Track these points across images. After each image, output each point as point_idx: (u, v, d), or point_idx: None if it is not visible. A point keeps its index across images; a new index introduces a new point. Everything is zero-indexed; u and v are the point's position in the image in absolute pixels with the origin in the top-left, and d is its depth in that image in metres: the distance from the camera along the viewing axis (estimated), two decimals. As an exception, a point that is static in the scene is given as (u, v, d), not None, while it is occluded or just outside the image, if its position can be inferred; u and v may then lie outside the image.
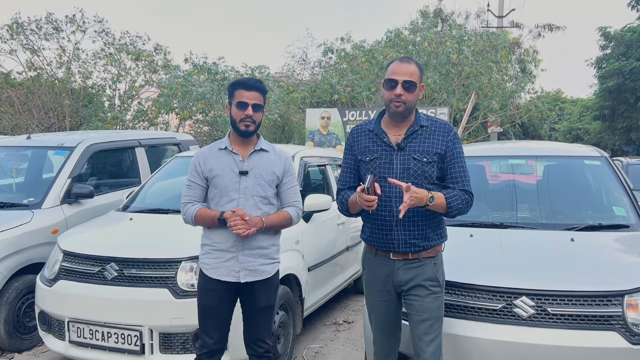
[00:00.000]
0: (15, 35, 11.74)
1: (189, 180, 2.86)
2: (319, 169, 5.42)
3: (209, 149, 2.88)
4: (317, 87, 13.27)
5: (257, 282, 2.79)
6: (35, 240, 4.46)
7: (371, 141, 2.62)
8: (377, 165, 2.55)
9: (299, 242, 4.23)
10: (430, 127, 2.57)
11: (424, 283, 2.54)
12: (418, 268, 2.55)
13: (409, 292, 2.57)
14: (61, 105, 12.00)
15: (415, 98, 2.53)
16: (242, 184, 2.77)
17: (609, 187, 4.07)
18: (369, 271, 2.71)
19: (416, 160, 2.51)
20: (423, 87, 2.62)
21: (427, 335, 2.51)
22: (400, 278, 2.57)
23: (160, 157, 6.46)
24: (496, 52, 14.18)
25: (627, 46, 19.50)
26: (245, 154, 2.82)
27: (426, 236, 2.55)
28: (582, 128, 30.26)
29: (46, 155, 5.52)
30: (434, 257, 2.59)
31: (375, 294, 2.67)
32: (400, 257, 2.57)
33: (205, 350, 2.80)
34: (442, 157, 2.54)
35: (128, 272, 3.53)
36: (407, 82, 2.48)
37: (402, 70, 2.50)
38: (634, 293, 2.79)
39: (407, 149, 2.53)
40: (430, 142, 2.54)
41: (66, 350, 3.63)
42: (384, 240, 2.58)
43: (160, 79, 12.76)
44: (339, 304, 5.61)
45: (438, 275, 2.58)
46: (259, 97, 2.78)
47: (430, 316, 2.52)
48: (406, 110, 2.53)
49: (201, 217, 2.78)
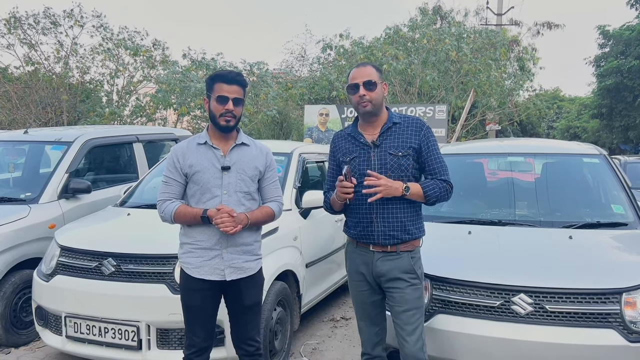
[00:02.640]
0: (12, 30, 11.69)
1: (166, 176, 2.75)
2: (317, 166, 5.42)
3: (187, 144, 2.76)
4: (316, 84, 13.26)
5: (243, 280, 2.74)
6: (32, 235, 4.45)
7: (350, 143, 2.80)
8: (357, 163, 2.72)
9: (297, 238, 4.22)
10: (403, 124, 2.74)
11: (402, 276, 2.66)
12: (395, 260, 2.67)
13: (389, 285, 2.68)
14: (59, 100, 11.97)
15: (378, 95, 2.69)
16: (224, 180, 2.69)
17: (608, 185, 4.07)
18: (350, 262, 2.84)
19: (392, 155, 2.67)
20: (386, 85, 2.78)
21: (408, 325, 2.62)
22: (379, 269, 2.69)
23: (158, 153, 6.44)
24: (495, 49, 14.19)
25: (626, 45, 19.49)
26: (226, 148, 2.74)
27: (405, 229, 2.67)
28: (580, 126, 30.27)
29: (43, 150, 5.49)
30: (411, 251, 2.70)
31: (357, 284, 2.80)
32: (380, 249, 2.69)
33: (193, 349, 2.77)
34: (418, 151, 2.70)
35: (125, 268, 3.52)
36: (366, 82, 2.66)
37: (360, 74, 2.69)
38: (631, 291, 2.80)
39: (383, 145, 2.70)
40: (405, 137, 2.70)
41: (63, 345, 3.62)
42: (364, 233, 2.71)
43: (159, 75, 12.71)
44: (337, 300, 5.61)
45: (415, 268, 2.69)
46: (239, 90, 2.69)
47: (410, 307, 2.63)
48: (374, 108, 2.70)
49: (181, 215, 2.68)
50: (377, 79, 2.69)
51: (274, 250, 3.86)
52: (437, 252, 3.30)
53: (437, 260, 3.18)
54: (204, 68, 11.98)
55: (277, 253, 3.90)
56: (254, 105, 12.00)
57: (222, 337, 3.32)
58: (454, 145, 5.32)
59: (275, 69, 15.66)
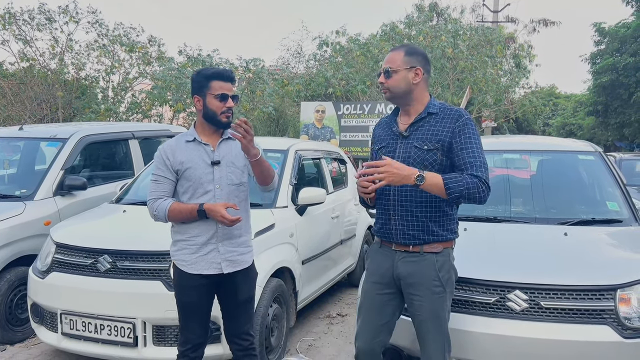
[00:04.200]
0: (7, 26, 11.60)
1: (156, 175, 2.75)
2: (313, 163, 5.41)
3: (176, 142, 2.78)
4: (312, 81, 13.23)
5: (238, 273, 2.76)
6: (27, 232, 4.43)
7: (384, 131, 2.66)
8: (383, 154, 2.54)
9: (293, 235, 4.23)
10: (439, 115, 2.51)
11: (424, 282, 2.43)
12: (418, 263, 2.45)
13: (409, 291, 2.48)
14: (54, 96, 11.90)
15: (397, 82, 2.49)
16: (216, 175, 2.72)
17: (603, 182, 4.08)
18: (372, 261, 2.68)
19: (417, 148, 2.46)
20: (419, 70, 2.50)
21: (429, 333, 2.44)
22: (400, 270, 2.49)
23: (154, 150, 6.31)
24: (491, 46, 14.21)
25: (621, 42, 19.52)
26: (214, 144, 2.77)
27: (428, 229, 2.45)
28: (575, 123, 30.35)
29: (39, 147, 5.47)
30: (437, 253, 2.46)
31: (371, 285, 2.60)
32: (401, 248, 2.50)
33: (189, 345, 2.77)
34: (449, 145, 2.44)
35: (121, 265, 3.52)
36: (386, 69, 2.52)
37: (386, 60, 2.55)
38: (626, 287, 2.82)
39: (412, 137, 2.51)
40: (436, 130, 2.47)
41: (59, 342, 3.62)
42: (385, 230, 2.56)
43: (154, 71, 12.66)
44: (333, 297, 5.62)
45: (441, 274, 2.44)
46: (233, 87, 2.76)
47: (430, 316, 2.43)
48: (393, 95, 2.54)
49: (176, 212, 2.66)
50: (401, 64, 2.48)
51: (270, 247, 3.86)
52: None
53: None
54: (199, 64, 11.93)
55: (273, 250, 3.90)
56: (250, 102, 11.98)
57: (218, 334, 3.32)
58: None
59: (271, 65, 15.64)
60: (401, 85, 2.50)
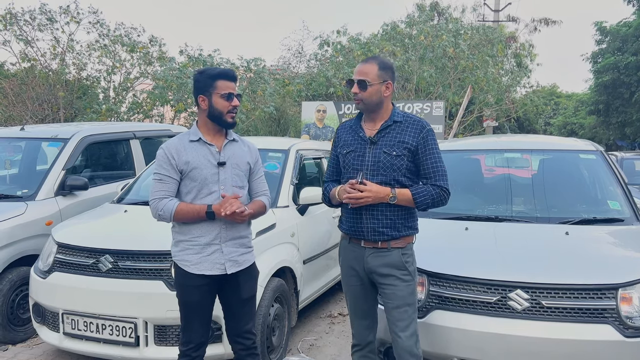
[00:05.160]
0: (8, 26, 11.62)
1: (160, 174, 2.71)
2: (314, 162, 5.41)
3: (179, 141, 2.76)
4: (313, 80, 13.23)
5: (240, 272, 2.78)
6: (29, 232, 4.44)
7: (350, 136, 2.80)
8: (352, 158, 2.73)
9: (294, 235, 4.23)
10: (404, 123, 2.70)
11: (393, 272, 2.66)
12: (386, 256, 2.67)
13: (381, 281, 2.69)
14: (55, 96, 11.92)
15: (371, 95, 2.65)
16: (221, 175, 2.73)
17: (604, 181, 4.08)
18: (343, 257, 2.86)
19: (386, 153, 2.65)
20: (390, 84, 2.69)
21: (401, 321, 2.64)
22: (370, 265, 2.70)
23: (155, 149, 6.33)
24: (492, 46, 14.21)
25: (623, 41, 19.50)
26: (219, 145, 2.78)
27: (395, 226, 2.66)
28: (577, 123, 30.31)
29: (40, 147, 5.48)
30: (402, 248, 2.69)
31: (349, 279, 2.82)
32: (370, 245, 2.70)
33: (191, 345, 2.78)
34: (414, 152, 2.66)
35: (123, 264, 3.52)
36: (359, 80, 2.65)
37: (359, 70, 2.68)
38: (627, 286, 2.82)
39: (379, 143, 2.68)
40: (402, 137, 2.66)
41: (60, 342, 3.63)
42: (355, 229, 2.72)
43: (155, 71, 12.66)
44: (334, 296, 5.62)
45: (407, 265, 2.68)
46: (236, 87, 2.79)
47: (402, 303, 2.64)
48: (366, 107, 2.70)
49: (183, 212, 2.65)
50: (375, 78, 2.63)
51: (271, 246, 3.86)
52: (435, 248, 3.32)
53: (435, 257, 3.19)
54: (200, 64, 11.93)
55: (274, 250, 3.90)
56: (251, 101, 11.98)
57: (219, 334, 3.33)
58: (451, 141, 5.33)
59: (272, 65, 15.63)
60: (374, 99, 2.67)
